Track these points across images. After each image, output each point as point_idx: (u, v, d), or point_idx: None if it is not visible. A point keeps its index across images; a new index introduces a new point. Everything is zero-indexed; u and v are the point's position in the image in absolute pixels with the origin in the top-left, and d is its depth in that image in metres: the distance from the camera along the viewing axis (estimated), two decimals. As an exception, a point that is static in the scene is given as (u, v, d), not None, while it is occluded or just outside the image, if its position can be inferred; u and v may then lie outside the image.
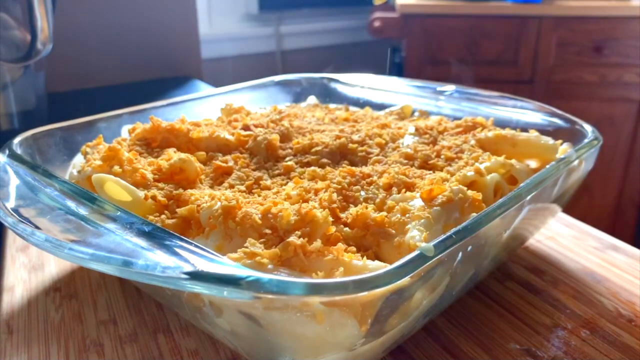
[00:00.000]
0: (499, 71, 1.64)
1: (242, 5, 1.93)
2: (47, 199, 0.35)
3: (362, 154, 0.45)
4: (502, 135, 0.47)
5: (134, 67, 1.12)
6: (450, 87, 0.61)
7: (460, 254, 0.30)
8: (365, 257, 0.31)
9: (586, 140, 0.45)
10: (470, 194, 0.35)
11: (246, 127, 0.50)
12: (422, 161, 0.44)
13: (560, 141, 0.47)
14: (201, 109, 0.60)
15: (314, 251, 0.30)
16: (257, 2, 1.91)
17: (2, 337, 0.39)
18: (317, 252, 0.30)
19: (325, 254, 0.30)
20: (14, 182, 0.38)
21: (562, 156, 0.42)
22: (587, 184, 1.64)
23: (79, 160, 0.47)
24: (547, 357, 0.36)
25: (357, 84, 0.69)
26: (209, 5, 1.86)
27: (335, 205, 0.36)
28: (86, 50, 1.06)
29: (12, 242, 0.51)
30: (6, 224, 0.33)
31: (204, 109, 0.60)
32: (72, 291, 0.44)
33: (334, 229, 0.32)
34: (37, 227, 0.32)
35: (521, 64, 1.62)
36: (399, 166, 0.42)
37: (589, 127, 0.47)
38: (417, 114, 0.59)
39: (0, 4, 0.72)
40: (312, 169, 0.42)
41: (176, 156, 0.41)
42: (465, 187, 0.36)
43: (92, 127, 0.51)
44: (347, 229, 0.34)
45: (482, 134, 0.48)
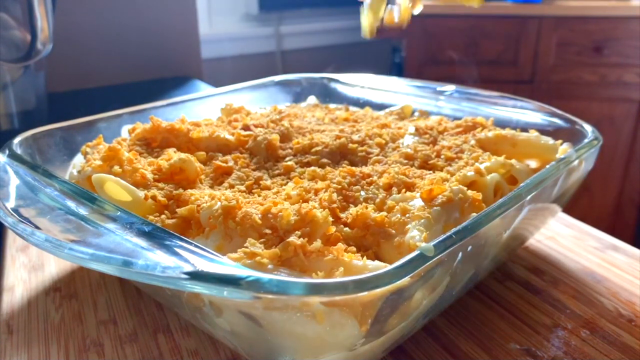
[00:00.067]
0: (499, 71, 1.64)
1: (242, 5, 1.93)
2: (47, 199, 0.35)
3: (362, 154, 0.45)
4: (502, 135, 0.47)
5: (134, 67, 1.12)
6: (450, 87, 0.61)
7: (460, 254, 0.30)
8: (365, 257, 0.31)
9: (586, 140, 0.45)
10: (470, 194, 0.35)
11: (246, 127, 0.50)
12: (422, 161, 0.44)
13: (560, 141, 0.47)
14: (201, 109, 0.60)
15: (314, 251, 0.30)
16: (257, 2, 1.91)
17: (2, 337, 0.39)
18: (317, 252, 0.30)
19: (325, 254, 0.30)
20: (14, 182, 0.38)
21: (562, 156, 0.42)
22: (587, 184, 1.64)
23: (79, 160, 0.47)
24: (547, 357, 0.36)
25: (357, 84, 0.69)
26: (209, 5, 1.86)
27: (335, 205, 0.36)
28: (86, 50, 1.06)
29: (12, 242, 0.51)
30: (6, 224, 0.33)
31: (204, 109, 0.60)
32: (72, 291, 0.44)
33: (334, 229, 0.32)
34: (37, 227, 0.32)
35: (521, 64, 1.62)
36: (399, 166, 0.42)
37: (589, 127, 0.48)
38: (417, 114, 0.59)
39: (0, 4, 0.72)
40: (312, 169, 0.42)
41: (176, 156, 0.41)
42: (465, 187, 0.36)
43: (92, 127, 0.51)
44: (347, 229, 0.34)
45: (482, 134, 0.48)
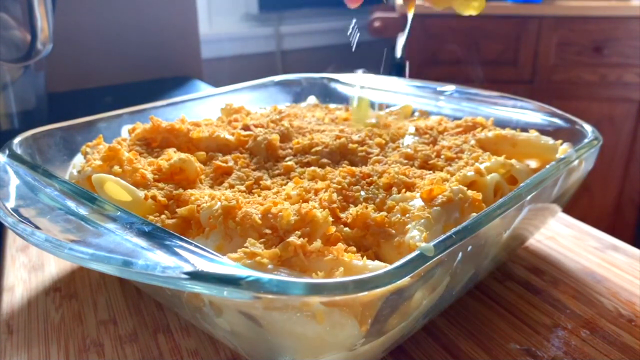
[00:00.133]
0: (499, 71, 1.64)
1: (242, 5, 1.93)
2: (47, 199, 0.35)
3: (362, 154, 0.45)
4: (502, 135, 0.47)
5: (134, 67, 1.12)
6: (450, 87, 0.61)
7: (460, 254, 0.30)
8: (365, 257, 0.31)
9: (586, 140, 0.45)
10: (470, 194, 0.35)
11: (246, 127, 0.50)
12: (422, 161, 0.44)
13: (560, 141, 0.47)
14: (201, 109, 0.60)
15: (314, 251, 0.30)
16: (257, 2, 1.91)
17: (2, 337, 0.39)
18: (317, 252, 0.30)
19: (325, 254, 0.30)
20: (14, 182, 0.38)
21: (562, 156, 0.42)
22: (587, 184, 1.64)
23: (79, 160, 0.47)
24: (547, 357, 0.36)
25: (357, 84, 0.68)
26: (209, 5, 1.86)
27: (335, 205, 0.36)
28: (86, 50, 1.06)
29: (12, 242, 0.51)
30: (6, 224, 0.33)
31: (204, 109, 0.60)
32: (72, 291, 0.44)
33: (334, 229, 0.32)
34: (37, 227, 0.32)
35: (521, 64, 1.62)
36: (399, 166, 0.42)
37: (589, 127, 0.48)
38: (417, 114, 0.59)
39: (0, 4, 0.72)
40: (312, 169, 0.42)
41: (176, 156, 0.41)
42: (465, 187, 0.36)
43: (92, 127, 0.51)
44: (347, 229, 0.34)
45: (482, 134, 0.48)
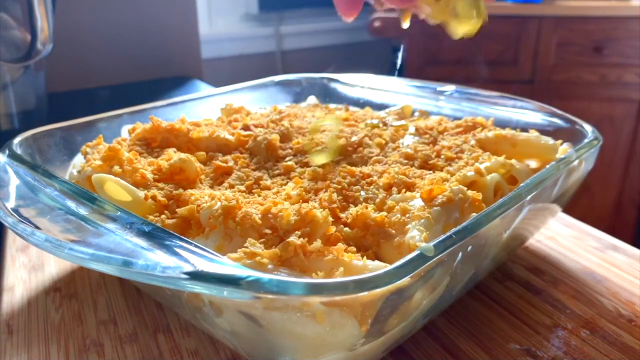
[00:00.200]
0: (499, 71, 1.64)
1: (242, 5, 1.93)
2: (47, 199, 0.35)
3: (362, 154, 0.45)
4: (502, 135, 0.47)
5: (134, 67, 1.12)
6: (450, 87, 0.61)
7: (460, 254, 0.30)
8: (365, 257, 0.31)
9: (586, 140, 0.45)
10: (470, 194, 0.35)
11: (246, 127, 0.50)
12: (422, 161, 0.44)
13: (560, 141, 0.47)
14: (201, 109, 0.60)
15: (314, 251, 0.30)
16: (257, 2, 1.91)
17: (2, 337, 0.39)
18: (317, 252, 0.30)
19: (325, 254, 0.30)
20: (14, 182, 0.38)
21: (562, 156, 0.42)
22: (587, 184, 1.64)
23: (79, 160, 0.47)
24: (547, 357, 0.36)
25: (357, 84, 0.68)
26: (209, 5, 1.86)
27: (335, 205, 0.36)
28: (86, 50, 1.06)
29: (12, 242, 0.51)
30: (6, 224, 0.33)
31: (204, 109, 0.60)
32: (72, 291, 0.44)
33: (334, 229, 0.32)
34: (37, 227, 0.32)
35: (521, 64, 1.62)
36: (399, 166, 0.42)
37: (589, 127, 0.47)
38: (417, 114, 0.59)
39: (0, 4, 0.72)
40: (312, 169, 0.42)
41: (176, 156, 0.41)
42: (465, 187, 0.36)
43: (92, 127, 0.51)
44: (347, 229, 0.34)
45: (482, 134, 0.48)
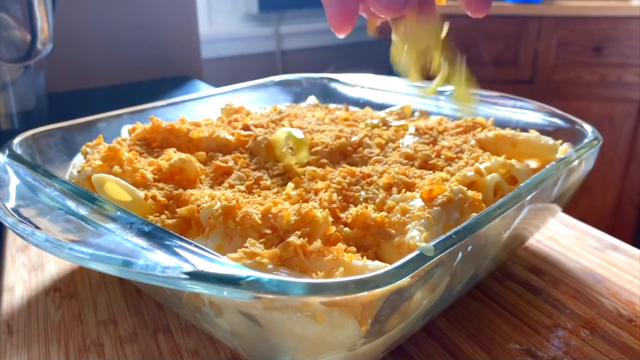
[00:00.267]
0: (499, 71, 1.64)
1: (242, 5, 1.93)
2: (47, 199, 0.35)
3: (362, 154, 0.45)
4: (502, 135, 0.47)
5: (134, 67, 1.12)
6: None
7: (460, 254, 0.30)
8: (365, 257, 0.31)
9: (586, 140, 0.45)
10: (470, 194, 0.35)
11: (246, 127, 0.50)
12: (422, 161, 0.44)
13: (560, 141, 0.47)
14: (201, 109, 0.60)
15: (314, 251, 0.30)
16: (257, 2, 1.91)
17: (2, 337, 0.39)
18: (317, 252, 0.30)
19: (325, 254, 0.30)
20: (14, 182, 0.38)
21: (562, 156, 0.42)
22: (587, 184, 1.64)
23: (79, 160, 0.47)
24: (547, 357, 0.36)
25: (357, 84, 0.68)
26: (209, 5, 1.86)
27: (335, 205, 0.36)
28: (86, 50, 1.06)
29: (12, 242, 0.51)
30: (6, 224, 0.33)
31: (204, 109, 0.60)
32: (72, 291, 0.44)
33: (334, 229, 0.32)
34: (37, 227, 0.32)
35: (521, 64, 1.62)
36: (399, 166, 0.42)
37: (589, 127, 0.47)
38: (417, 114, 0.59)
39: (0, 4, 0.72)
40: (312, 169, 0.42)
41: (176, 156, 0.41)
42: (465, 187, 0.36)
43: (92, 127, 0.51)
44: (347, 229, 0.34)
45: (482, 134, 0.48)
